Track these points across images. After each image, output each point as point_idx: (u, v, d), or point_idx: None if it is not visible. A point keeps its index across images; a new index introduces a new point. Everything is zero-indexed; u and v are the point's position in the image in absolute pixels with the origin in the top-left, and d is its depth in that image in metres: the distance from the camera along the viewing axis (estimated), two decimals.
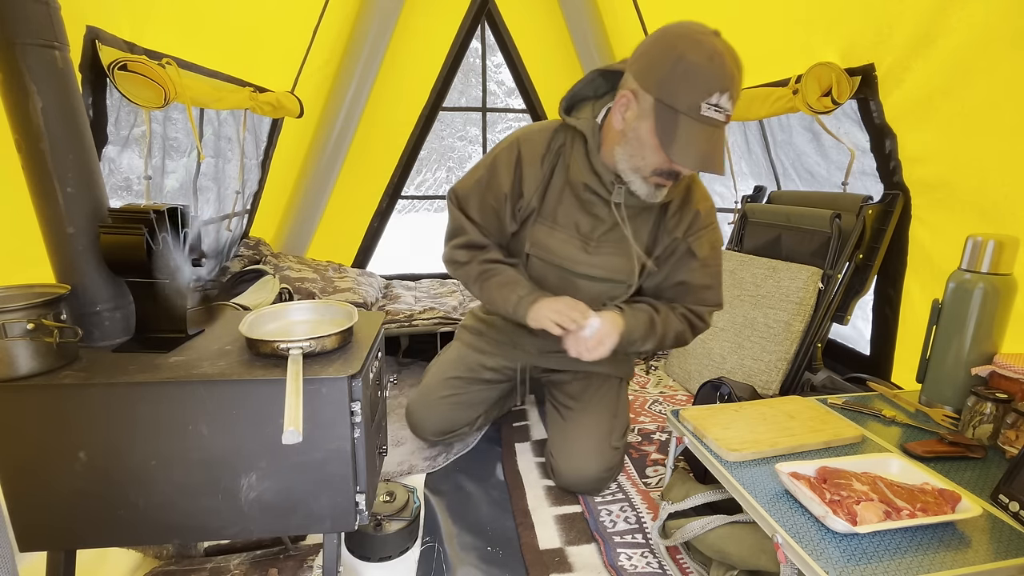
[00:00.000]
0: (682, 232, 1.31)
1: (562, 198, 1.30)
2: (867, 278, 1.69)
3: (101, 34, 1.29)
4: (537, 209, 1.31)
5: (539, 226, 1.32)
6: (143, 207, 0.99)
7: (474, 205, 1.33)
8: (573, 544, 1.34)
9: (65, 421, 0.89)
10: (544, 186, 1.29)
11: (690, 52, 1.02)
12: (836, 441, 1.06)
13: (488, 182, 1.31)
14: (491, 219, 1.34)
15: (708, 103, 1.01)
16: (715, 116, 1.02)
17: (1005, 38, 1.18)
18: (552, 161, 1.29)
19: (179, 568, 1.15)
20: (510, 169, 1.29)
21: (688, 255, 1.32)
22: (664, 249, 1.33)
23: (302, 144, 2.85)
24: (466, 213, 1.35)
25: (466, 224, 1.34)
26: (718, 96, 1.01)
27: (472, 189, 1.34)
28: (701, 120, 1.02)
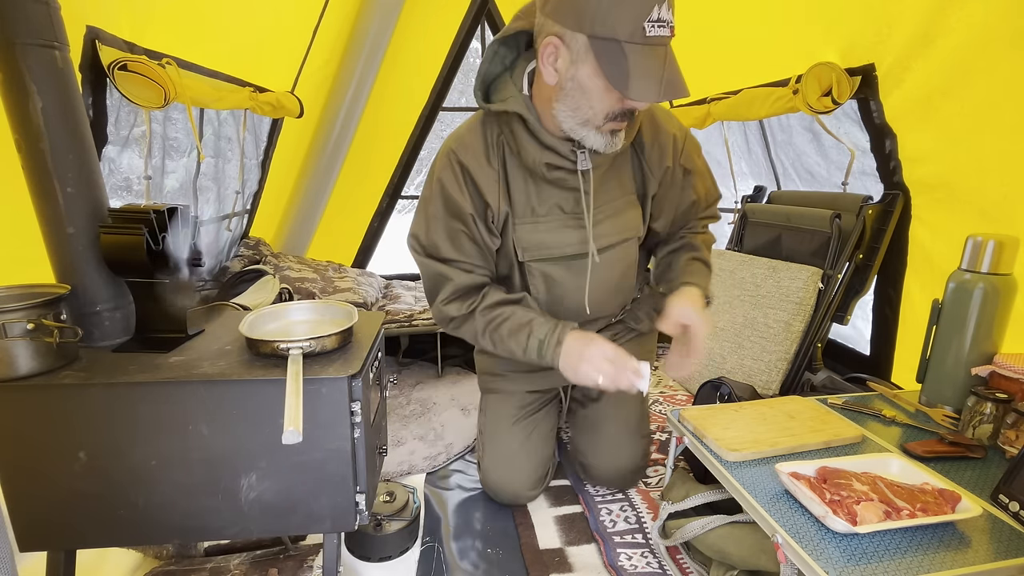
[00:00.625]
0: (671, 159, 1.22)
1: (530, 188, 1.16)
2: (867, 278, 1.69)
3: (101, 34, 1.29)
4: (510, 211, 1.17)
5: (521, 227, 1.17)
6: (143, 207, 0.99)
7: (443, 243, 1.16)
8: (573, 544, 1.34)
9: (65, 421, 0.89)
10: (504, 184, 1.15)
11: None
12: (836, 441, 1.06)
13: (444, 209, 1.15)
14: (469, 247, 1.17)
15: (650, 21, 0.87)
16: (661, 33, 0.88)
17: (1005, 38, 1.18)
18: (499, 155, 1.14)
19: (179, 568, 1.15)
20: (461, 185, 1.13)
21: (686, 176, 1.27)
22: (660, 184, 1.24)
23: (302, 144, 2.85)
24: (437, 256, 1.18)
25: (443, 270, 1.17)
26: (657, 9, 0.86)
27: (432, 226, 1.17)
28: (648, 42, 0.88)
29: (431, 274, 1.20)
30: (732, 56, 2.17)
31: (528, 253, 1.19)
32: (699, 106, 2.32)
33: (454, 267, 1.17)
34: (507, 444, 1.46)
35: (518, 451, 1.46)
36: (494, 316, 1.15)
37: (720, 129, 2.38)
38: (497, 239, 1.20)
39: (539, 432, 1.48)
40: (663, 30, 0.88)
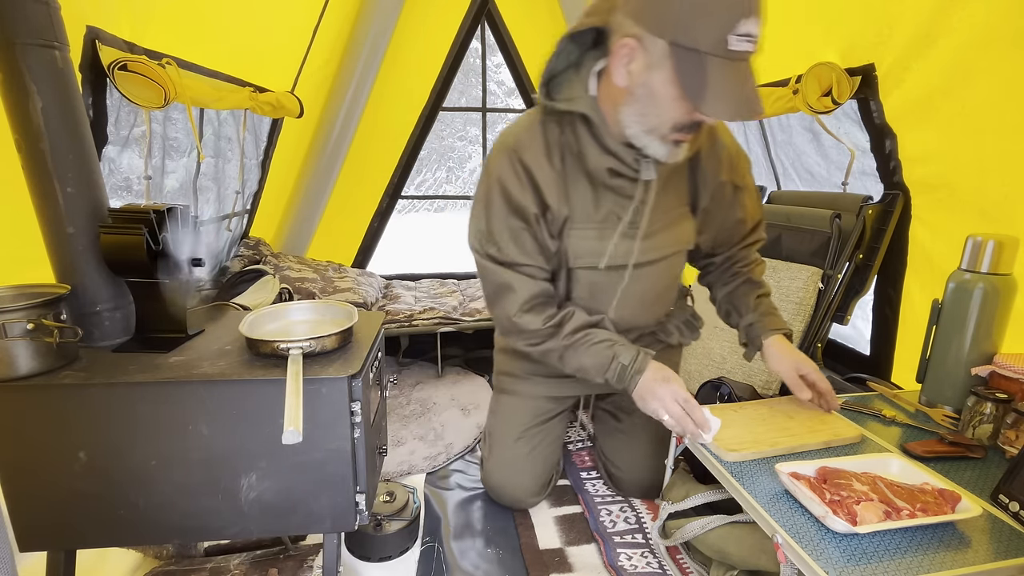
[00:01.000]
0: (725, 173, 1.19)
1: (589, 193, 1.11)
2: (867, 278, 1.69)
3: (101, 34, 1.29)
4: (568, 216, 1.11)
5: (577, 233, 1.12)
6: (143, 207, 0.99)
7: (506, 244, 1.10)
8: (573, 544, 1.34)
9: (65, 421, 0.89)
10: (564, 186, 1.10)
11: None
12: (836, 441, 1.06)
13: (506, 209, 1.09)
14: (530, 246, 1.11)
15: (736, 34, 0.82)
16: (745, 48, 0.84)
17: (1005, 38, 1.18)
18: (561, 155, 1.10)
19: (179, 568, 1.15)
20: (522, 184, 1.08)
21: (736, 192, 1.23)
22: (711, 197, 1.21)
23: (302, 144, 2.85)
24: (501, 260, 1.11)
25: (508, 277, 1.11)
26: (745, 22, 0.81)
27: (494, 227, 1.11)
28: (731, 57, 0.84)
29: (496, 282, 1.14)
30: None
31: (579, 260, 1.15)
32: None
33: (519, 272, 1.12)
34: (516, 451, 1.44)
35: (526, 458, 1.44)
36: (579, 338, 1.12)
37: None
38: (555, 241, 1.14)
39: (548, 440, 1.47)
40: (748, 45, 0.84)
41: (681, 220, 1.20)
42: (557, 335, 1.13)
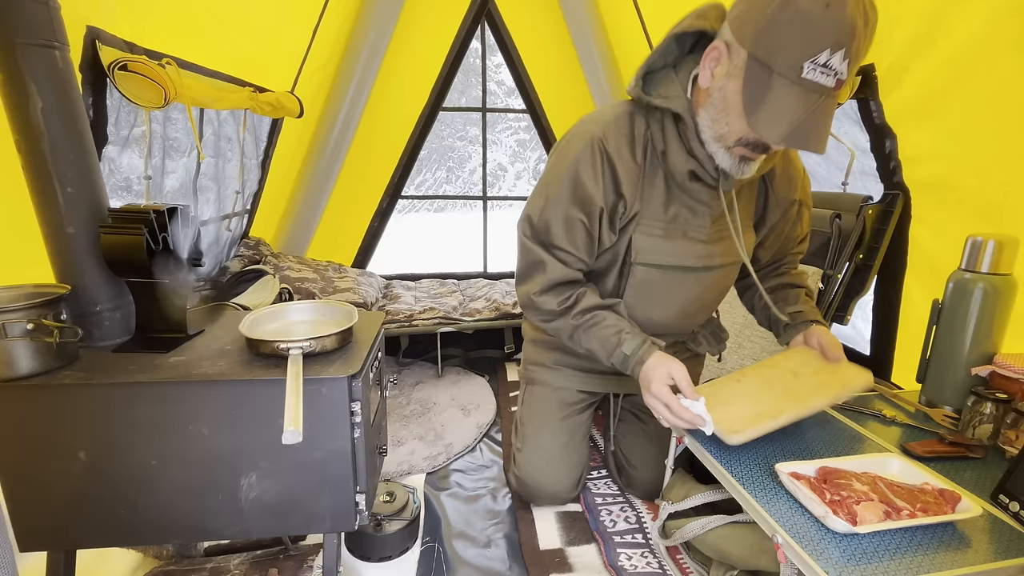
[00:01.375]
0: (799, 193, 1.23)
1: (666, 194, 1.12)
2: (867, 278, 1.69)
3: (101, 34, 1.29)
4: (640, 211, 1.12)
5: (645, 229, 1.13)
6: (143, 207, 0.99)
7: (557, 227, 1.12)
8: (573, 544, 1.34)
9: (65, 421, 0.89)
10: (641, 181, 1.10)
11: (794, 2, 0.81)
12: (845, 393, 1.05)
13: (571, 196, 1.10)
14: (580, 236, 1.13)
15: (814, 62, 0.81)
16: (820, 81, 0.82)
17: (1005, 38, 1.18)
18: (643, 150, 1.09)
19: (179, 568, 1.15)
20: (598, 173, 1.08)
21: (800, 208, 1.28)
22: (780, 215, 1.24)
23: (302, 144, 2.85)
24: (544, 240, 1.14)
25: (543, 257, 1.13)
26: (828, 54, 0.80)
27: (550, 209, 1.12)
28: (800, 83, 0.83)
29: (530, 259, 1.17)
30: None
31: (642, 256, 1.15)
32: None
33: (555, 255, 1.14)
34: (554, 440, 1.42)
35: (562, 449, 1.43)
36: (587, 319, 1.14)
37: None
38: (615, 235, 1.15)
39: (580, 434, 1.46)
40: (825, 78, 0.82)
41: (745, 233, 1.20)
42: (567, 314, 1.15)
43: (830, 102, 0.86)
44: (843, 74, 0.82)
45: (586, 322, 1.14)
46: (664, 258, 1.15)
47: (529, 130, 4.32)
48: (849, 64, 0.82)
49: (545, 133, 3.24)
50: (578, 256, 1.15)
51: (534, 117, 3.22)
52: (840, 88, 0.85)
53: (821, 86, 0.83)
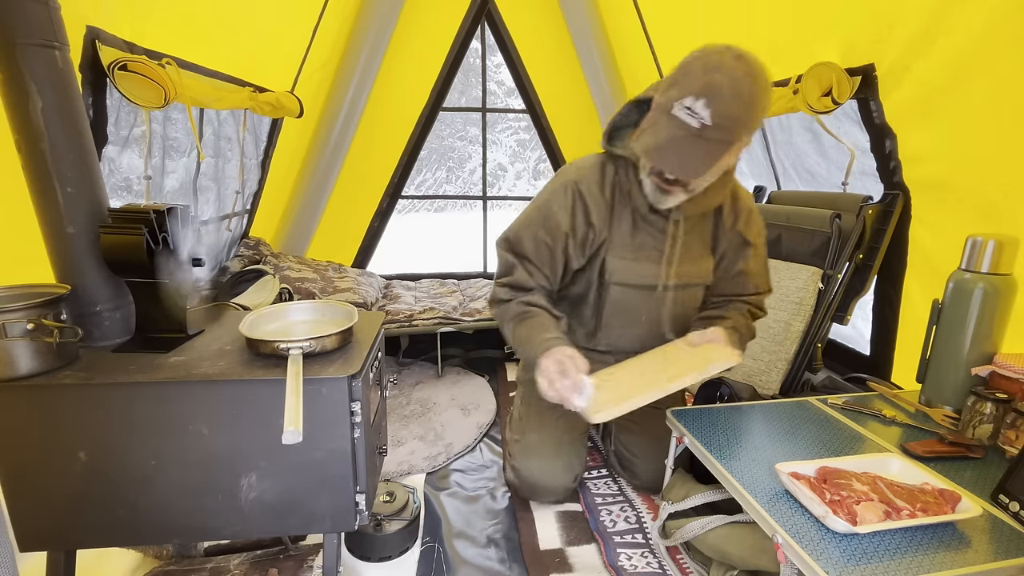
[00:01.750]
0: (741, 225, 1.37)
1: (632, 225, 1.33)
2: (867, 278, 1.69)
3: (101, 34, 1.29)
4: (608, 238, 1.33)
5: (616, 253, 1.33)
6: (143, 207, 0.99)
7: (527, 243, 1.33)
8: (573, 544, 1.34)
9: (65, 421, 0.89)
10: (610, 214, 1.32)
11: (694, 62, 1.06)
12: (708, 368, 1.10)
13: (543, 221, 1.32)
14: (545, 256, 1.33)
15: (683, 104, 1.03)
16: (687, 120, 1.03)
17: (1005, 38, 1.18)
18: (612, 190, 1.32)
19: (179, 568, 1.15)
20: (568, 208, 1.30)
21: (743, 244, 1.39)
22: (726, 245, 1.39)
23: (302, 144, 2.85)
24: (516, 251, 1.34)
25: (515, 263, 1.33)
26: (692, 100, 1.02)
27: (523, 229, 1.34)
28: (673, 119, 1.05)
29: (504, 262, 1.36)
30: None
31: (615, 276, 1.35)
32: None
33: (523, 264, 1.33)
34: (551, 437, 1.47)
35: (560, 444, 1.47)
36: (529, 312, 1.29)
37: None
38: (583, 259, 1.35)
39: (579, 429, 1.50)
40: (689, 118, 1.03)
41: (702, 259, 1.39)
42: (514, 300, 1.33)
43: (695, 140, 1.05)
44: (704, 119, 1.02)
45: (527, 314, 1.29)
46: (633, 278, 1.34)
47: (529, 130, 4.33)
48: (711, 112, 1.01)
49: (545, 133, 3.24)
50: (542, 271, 1.34)
51: (534, 117, 3.22)
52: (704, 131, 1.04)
53: (684, 123, 1.04)
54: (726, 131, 1.04)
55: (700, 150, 1.07)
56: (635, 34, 2.62)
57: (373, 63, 2.79)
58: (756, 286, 1.43)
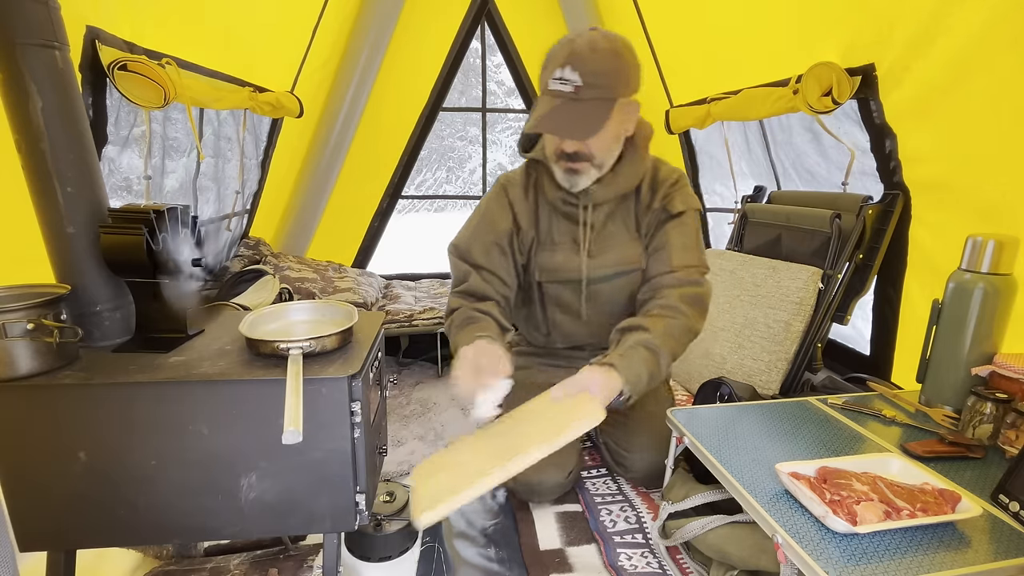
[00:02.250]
0: (658, 202, 1.35)
1: (551, 220, 1.38)
2: (867, 278, 1.69)
3: (101, 34, 1.29)
4: (535, 237, 1.38)
5: (541, 252, 1.38)
6: (143, 207, 0.99)
7: (477, 248, 1.34)
8: (573, 544, 1.34)
9: (65, 421, 0.89)
10: (535, 215, 1.38)
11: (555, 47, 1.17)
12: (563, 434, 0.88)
13: (486, 225, 1.36)
14: (496, 257, 1.35)
15: (554, 77, 1.13)
16: (560, 87, 1.13)
17: (1005, 38, 1.18)
18: (533, 191, 1.38)
19: (179, 568, 1.15)
20: (504, 208, 1.37)
21: (665, 218, 1.34)
22: (648, 225, 1.37)
23: (302, 144, 2.85)
24: (467, 259, 1.35)
25: (468, 271, 1.33)
26: (561, 70, 1.12)
27: (471, 235, 1.37)
28: (550, 93, 1.15)
29: (459, 271, 1.36)
30: (732, 56, 2.17)
31: (544, 275, 1.39)
32: (699, 106, 2.31)
33: (477, 272, 1.34)
34: None
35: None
36: (475, 316, 1.26)
37: (720, 129, 2.38)
38: (524, 257, 1.39)
39: None
40: (563, 86, 1.13)
41: (628, 244, 1.38)
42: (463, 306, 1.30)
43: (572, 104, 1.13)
44: (576, 80, 1.11)
45: (474, 318, 1.26)
46: (557, 273, 1.37)
47: None
48: (579, 74, 1.11)
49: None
50: (497, 275, 1.34)
51: None
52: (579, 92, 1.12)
53: (560, 91, 1.14)
54: (601, 88, 1.12)
55: (581, 111, 1.13)
56: (635, 34, 2.61)
57: (373, 63, 2.79)
58: (681, 261, 1.27)
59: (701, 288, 1.28)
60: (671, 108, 2.60)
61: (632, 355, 1.13)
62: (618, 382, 1.08)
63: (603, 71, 1.12)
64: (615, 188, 1.31)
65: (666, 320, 1.20)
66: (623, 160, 1.30)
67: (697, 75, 2.41)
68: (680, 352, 1.22)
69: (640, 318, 1.23)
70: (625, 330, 1.21)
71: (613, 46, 1.13)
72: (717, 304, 2.03)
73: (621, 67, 1.14)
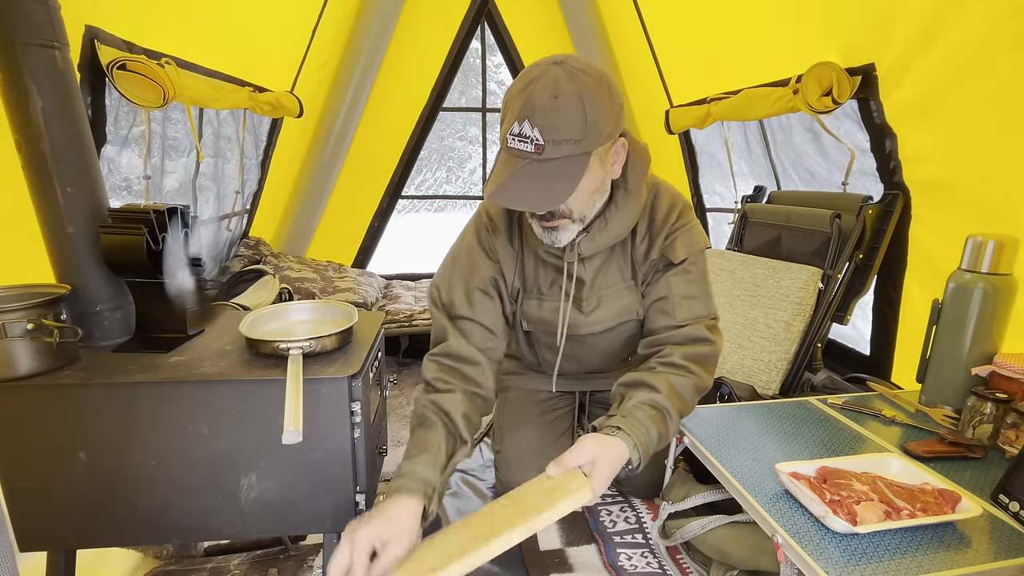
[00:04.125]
0: (657, 251, 1.16)
1: (537, 270, 1.22)
2: (867, 278, 1.69)
3: (100, 34, 1.29)
4: (521, 288, 1.24)
5: (528, 301, 1.24)
6: (143, 207, 0.99)
7: (458, 295, 1.17)
8: (573, 544, 1.34)
9: (65, 421, 0.89)
10: (519, 263, 1.22)
11: (514, 85, 0.95)
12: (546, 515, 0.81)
13: (468, 268, 1.19)
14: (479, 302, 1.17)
15: (511, 133, 0.93)
16: (518, 146, 0.92)
17: (1005, 38, 1.18)
18: (519, 237, 1.21)
19: (179, 568, 1.15)
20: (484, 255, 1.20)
21: (665, 266, 1.16)
22: (645, 274, 1.20)
23: (302, 144, 2.85)
24: (447, 311, 1.18)
25: (446, 327, 1.15)
26: (518, 125, 0.91)
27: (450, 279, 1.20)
28: (508, 151, 0.95)
29: (436, 327, 1.19)
30: (732, 56, 2.17)
31: (532, 325, 1.28)
32: (699, 106, 2.32)
33: (456, 324, 1.16)
34: (529, 440, 1.43)
35: (540, 446, 1.43)
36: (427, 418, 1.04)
37: (720, 129, 2.38)
38: (512, 305, 1.25)
39: (559, 431, 1.49)
40: (523, 144, 0.92)
41: (623, 294, 1.22)
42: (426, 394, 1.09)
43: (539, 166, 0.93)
44: (537, 139, 0.91)
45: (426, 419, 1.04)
46: (549, 325, 1.23)
47: None
48: (541, 132, 0.90)
49: None
50: (481, 324, 1.16)
51: None
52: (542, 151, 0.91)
53: (520, 151, 0.92)
54: (570, 143, 0.91)
55: (549, 172, 0.93)
56: (635, 34, 2.62)
57: (373, 63, 2.79)
58: (686, 315, 1.13)
59: (710, 347, 1.12)
60: (671, 108, 2.60)
61: (639, 415, 1.00)
62: (624, 450, 0.95)
63: (569, 124, 0.90)
64: (606, 238, 1.12)
65: (672, 378, 1.06)
66: (614, 204, 1.10)
67: (697, 75, 2.41)
68: (688, 411, 1.08)
69: (644, 373, 1.08)
70: (628, 386, 1.08)
71: (579, 88, 0.90)
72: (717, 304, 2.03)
73: (593, 115, 0.91)
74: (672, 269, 1.15)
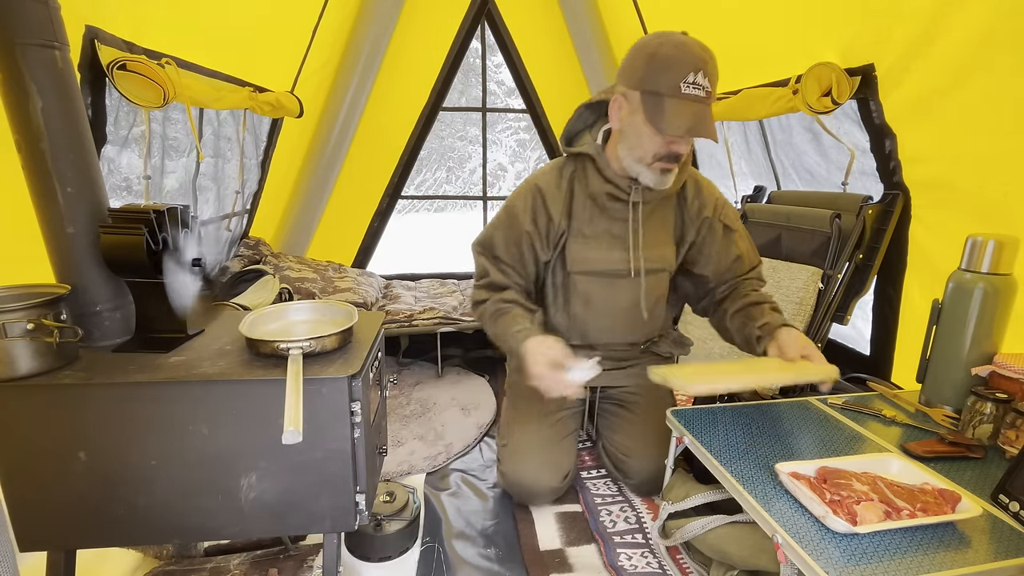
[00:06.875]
0: (710, 211, 1.43)
1: (589, 213, 1.40)
2: (867, 278, 1.69)
3: (100, 33, 1.29)
4: (567, 229, 1.41)
5: (574, 243, 1.41)
6: (143, 207, 0.99)
7: (499, 243, 1.42)
8: (573, 544, 1.34)
9: (65, 421, 0.89)
10: (568, 206, 1.40)
11: (661, 48, 1.17)
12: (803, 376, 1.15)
13: (509, 223, 1.42)
14: (515, 254, 1.42)
15: (686, 82, 1.14)
16: (695, 92, 1.15)
17: (1005, 38, 1.18)
18: (568, 184, 1.41)
19: (179, 568, 1.15)
20: (529, 208, 1.40)
21: (727, 231, 1.45)
22: (698, 232, 1.44)
23: (302, 144, 2.85)
24: (489, 254, 1.43)
25: (488, 265, 1.43)
26: (693, 75, 1.14)
27: (495, 232, 1.44)
28: (683, 97, 1.15)
29: (480, 265, 1.45)
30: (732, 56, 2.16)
31: (575, 265, 1.42)
32: None
33: (497, 265, 1.42)
34: (533, 436, 1.48)
35: (547, 444, 1.48)
36: (503, 307, 1.36)
37: (720, 129, 2.38)
38: (550, 251, 1.44)
39: (563, 432, 1.51)
40: (698, 91, 1.15)
41: (664, 244, 1.45)
42: (491, 299, 1.40)
43: (706, 108, 1.18)
44: (708, 87, 1.16)
45: (501, 309, 1.37)
46: (594, 264, 1.41)
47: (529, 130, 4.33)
48: (709, 80, 1.16)
49: (545, 133, 3.24)
50: (515, 269, 1.43)
51: (534, 117, 3.22)
52: (709, 98, 1.17)
53: (697, 96, 1.16)
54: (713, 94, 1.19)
55: (708, 114, 1.19)
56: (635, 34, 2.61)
57: (373, 63, 2.79)
58: (751, 261, 1.49)
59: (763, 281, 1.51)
60: None
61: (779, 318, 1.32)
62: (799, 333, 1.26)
63: (717, 79, 1.18)
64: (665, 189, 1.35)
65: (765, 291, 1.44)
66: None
67: None
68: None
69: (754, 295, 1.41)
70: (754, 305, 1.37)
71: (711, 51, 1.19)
72: None
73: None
74: (733, 235, 1.45)
